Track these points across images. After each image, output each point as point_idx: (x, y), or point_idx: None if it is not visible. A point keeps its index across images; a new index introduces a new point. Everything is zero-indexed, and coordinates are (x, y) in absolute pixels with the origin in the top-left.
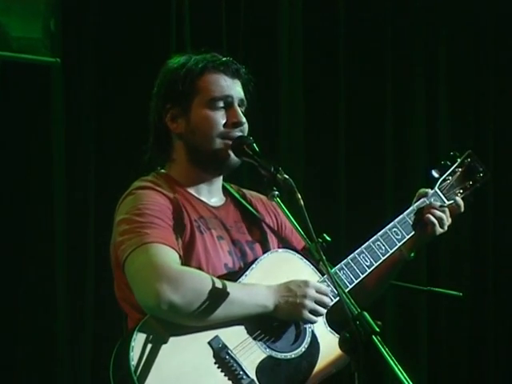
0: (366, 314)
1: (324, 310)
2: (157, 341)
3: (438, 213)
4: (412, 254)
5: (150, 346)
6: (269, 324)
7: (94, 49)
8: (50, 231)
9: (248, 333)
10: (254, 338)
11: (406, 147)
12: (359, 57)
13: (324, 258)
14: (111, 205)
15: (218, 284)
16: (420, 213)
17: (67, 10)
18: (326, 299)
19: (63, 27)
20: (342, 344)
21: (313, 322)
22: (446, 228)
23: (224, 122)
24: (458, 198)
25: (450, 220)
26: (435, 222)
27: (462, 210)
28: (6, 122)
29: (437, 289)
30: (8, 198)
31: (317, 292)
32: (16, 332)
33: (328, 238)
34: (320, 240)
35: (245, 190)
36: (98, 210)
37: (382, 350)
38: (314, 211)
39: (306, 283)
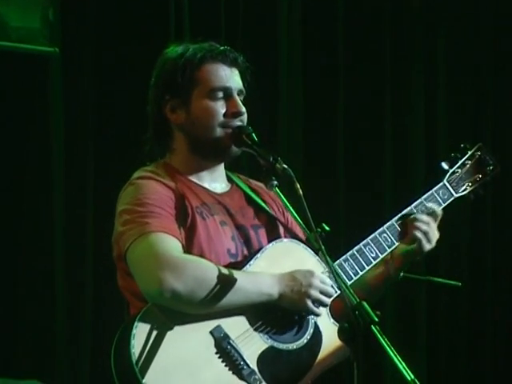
0: (365, 303)
1: (328, 300)
2: (158, 329)
3: (424, 227)
4: (401, 274)
5: (151, 333)
6: (272, 314)
7: (92, 38)
8: (49, 228)
9: (250, 323)
10: (256, 329)
11: (405, 146)
12: (359, 56)
13: (323, 247)
14: (110, 203)
15: (222, 271)
16: (405, 225)
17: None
18: (331, 290)
19: (62, 17)
20: (340, 334)
21: (316, 313)
22: (433, 243)
23: (224, 111)
24: (435, 207)
25: (437, 234)
26: (421, 237)
27: (439, 216)
28: (4, 111)
29: (436, 278)
30: (5, 188)
31: (321, 283)
32: (16, 331)
33: (327, 228)
34: (319, 230)
35: (252, 181)
36: (96, 207)
37: (381, 339)
38: (312, 211)
39: (311, 273)
